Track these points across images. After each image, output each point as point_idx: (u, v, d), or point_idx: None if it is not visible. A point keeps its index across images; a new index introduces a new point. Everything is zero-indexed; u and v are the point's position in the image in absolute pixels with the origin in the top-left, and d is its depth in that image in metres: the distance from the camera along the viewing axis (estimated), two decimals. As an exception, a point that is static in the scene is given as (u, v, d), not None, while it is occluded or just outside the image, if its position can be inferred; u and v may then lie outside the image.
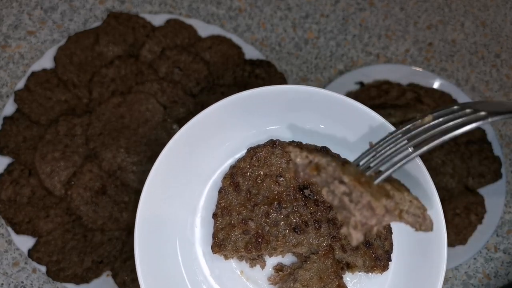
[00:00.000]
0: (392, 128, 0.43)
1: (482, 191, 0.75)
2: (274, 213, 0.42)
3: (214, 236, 0.43)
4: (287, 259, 0.48)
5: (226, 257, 0.45)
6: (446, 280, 0.73)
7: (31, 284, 0.69)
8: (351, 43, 0.85)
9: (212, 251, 0.43)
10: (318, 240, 0.42)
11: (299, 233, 0.42)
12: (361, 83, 0.80)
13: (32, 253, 0.67)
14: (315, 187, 0.43)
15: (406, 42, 0.85)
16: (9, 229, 0.68)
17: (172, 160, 0.45)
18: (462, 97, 0.79)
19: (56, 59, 0.76)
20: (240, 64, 0.79)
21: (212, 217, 0.44)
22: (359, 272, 0.45)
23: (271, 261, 0.48)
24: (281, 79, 0.79)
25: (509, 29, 0.87)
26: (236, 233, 0.43)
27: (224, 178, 0.45)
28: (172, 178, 0.46)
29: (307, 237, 0.42)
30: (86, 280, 0.67)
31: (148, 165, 0.71)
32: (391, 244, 0.44)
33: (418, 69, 0.82)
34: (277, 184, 0.43)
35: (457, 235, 0.73)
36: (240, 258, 0.46)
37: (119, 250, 0.69)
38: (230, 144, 0.47)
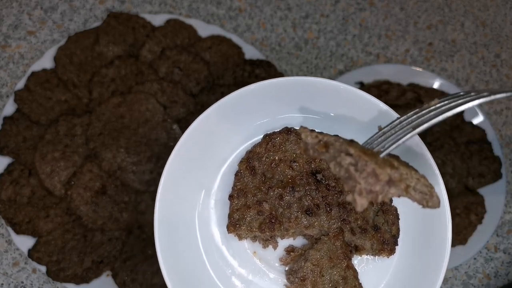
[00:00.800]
0: (397, 115, 0.45)
1: (482, 191, 0.75)
2: (288, 196, 0.44)
3: (230, 216, 0.45)
4: (298, 241, 0.49)
5: (240, 237, 0.46)
6: (446, 280, 0.73)
7: (31, 284, 0.69)
8: (351, 43, 0.85)
9: (228, 230, 0.45)
10: (329, 222, 0.44)
11: (310, 215, 0.43)
12: (361, 83, 0.80)
13: (32, 253, 0.67)
14: (327, 172, 0.45)
15: (406, 42, 0.85)
16: (9, 229, 0.68)
17: (190, 145, 0.47)
18: (462, 97, 0.79)
19: (56, 59, 0.76)
20: (240, 64, 0.79)
21: (228, 199, 0.45)
22: (366, 255, 0.46)
23: (283, 243, 0.49)
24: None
25: (509, 29, 0.87)
26: (251, 213, 0.44)
27: (241, 162, 0.46)
28: (190, 162, 0.47)
29: (318, 220, 0.44)
30: (86, 280, 0.67)
31: (148, 165, 0.71)
32: (398, 229, 0.46)
33: (418, 69, 0.82)
34: (291, 168, 0.45)
35: (457, 235, 0.73)
36: (253, 238, 0.47)
37: (119, 250, 0.69)
38: (245, 131, 0.49)
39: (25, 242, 0.68)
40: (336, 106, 0.47)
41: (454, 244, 0.73)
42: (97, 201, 0.69)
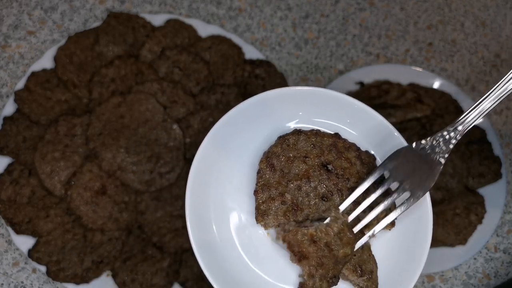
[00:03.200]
0: (390, 126, 0.54)
1: (482, 191, 0.75)
2: (305, 186, 0.52)
3: (257, 208, 0.51)
4: None
5: (266, 227, 0.52)
6: (446, 280, 0.73)
7: (31, 284, 0.69)
8: (351, 43, 0.85)
9: (256, 220, 0.51)
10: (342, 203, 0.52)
11: (326, 200, 0.51)
12: (361, 83, 0.80)
13: (32, 253, 0.67)
14: (335, 163, 0.52)
15: (406, 42, 0.85)
16: (9, 229, 0.68)
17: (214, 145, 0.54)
18: (462, 97, 0.79)
19: (56, 59, 0.76)
20: (240, 64, 0.79)
21: (254, 194, 0.52)
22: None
23: None
24: (281, 79, 0.79)
25: (509, 29, 0.87)
26: (275, 204, 0.51)
27: (261, 161, 0.53)
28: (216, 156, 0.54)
29: (333, 203, 0.51)
30: (86, 280, 0.67)
31: (148, 165, 0.71)
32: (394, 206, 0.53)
33: (418, 69, 0.82)
34: (304, 163, 0.52)
35: (457, 235, 0.73)
36: (278, 226, 0.53)
37: (119, 250, 0.69)
38: (262, 134, 0.56)
39: (25, 242, 0.68)
40: (336, 112, 0.56)
41: (454, 244, 0.73)
42: (97, 201, 0.69)
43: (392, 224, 0.51)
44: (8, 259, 0.70)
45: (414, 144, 0.50)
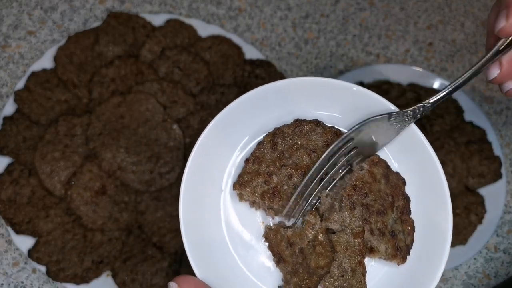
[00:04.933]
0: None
1: (482, 191, 0.75)
2: (296, 178, 0.48)
3: (240, 176, 0.49)
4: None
5: (241, 197, 0.49)
6: (446, 280, 0.73)
7: (31, 284, 0.69)
8: (351, 43, 0.85)
9: (233, 187, 0.48)
10: (351, 219, 0.46)
11: (310, 206, 0.47)
12: (361, 83, 0.80)
13: (32, 253, 0.67)
14: (355, 173, 0.47)
15: (406, 42, 0.85)
16: (9, 229, 0.68)
17: (216, 133, 0.50)
18: (462, 97, 0.79)
19: (56, 59, 0.76)
20: (240, 64, 0.79)
21: (244, 162, 0.49)
22: (379, 258, 0.47)
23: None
24: (281, 79, 0.79)
25: (509, 29, 0.87)
26: (258, 180, 0.48)
27: (267, 134, 0.50)
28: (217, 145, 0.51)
29: (340, 215, 0.46)
30: (86, 280, 0.67)
31: (148, 165, 0.71)
32: (412, 240, 0.48)
33: (418, 69, 0.82)
34: (309, 156, 0.48)
35: (457, 235, 0.73)
36: (252, 203, 0.50)
37: (119, 250, 0.69)
38: (262, 122, 0.52)
39: (25, 242, 0.68)
40: (337, 102, 0.52)
41: (454, 244, 0.73)
42: (97, 201, 0.69)
43: (403, 258, 0.47)
44: (8, 259, 0.70)
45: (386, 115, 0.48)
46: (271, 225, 0.50)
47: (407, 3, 0.88)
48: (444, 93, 0.47)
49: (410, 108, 0.48)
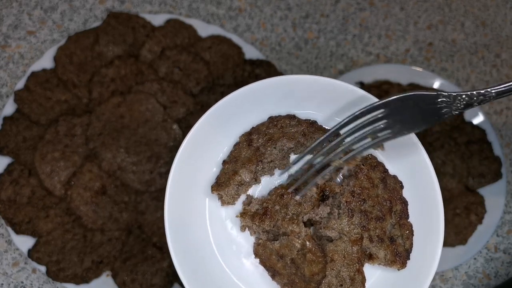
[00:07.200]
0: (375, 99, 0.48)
1: (482, 191, 0.75)
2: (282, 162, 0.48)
3: (217, 178, 0.49)
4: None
5: (222, 202, 0.49)
6: (446, 280, 0.73)
7: (31, 284, 0.69)
8: (351, 43, 0.85)
9: (211, 189, 0.48)
10: (349, 227, 0.45)
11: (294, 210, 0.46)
12: (361, 83, 0.80)
13: (32, 253, 0.67)
14: (352, 180, 0.46)
15: (406, 42, 0.85)
16: (9, 229, 0.68)
17: (201, 136, 0.50)
18: (462, 97, 0.79)
19: (56, 59, 0.76)
20: (240, 64, 0.79)
21: (222, 163, 0.49)
22: (378, 264, 0.47)
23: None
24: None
25: (509, 29, 0.87)
26: (236, 179, 0.47)
27: (242, 135, 0.50)
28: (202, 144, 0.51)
29: (339, 222, 0.45)
30: (86, 280, 0.67)
31: (148, 165, 0.71)
32: (411, 244, 0.48)
33: (418, 69, 0.82)
34: (291, 140, 0.48)
35: (457, 235, 0.73)
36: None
37: (119, 250, 0.69)
38: (246, 120, 0.52)
39: (25, 242, 0.68)
40: (316, 98, 0.51)
41: (454, 244, 0.73)
42: (97, 201, 0.69)
43: (403, 264, 0.46)
44: (8, 259, 0.70)
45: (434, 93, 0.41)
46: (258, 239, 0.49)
47: (407, 3, 0.88)
48: None
49: (467, 92, 0.40)
